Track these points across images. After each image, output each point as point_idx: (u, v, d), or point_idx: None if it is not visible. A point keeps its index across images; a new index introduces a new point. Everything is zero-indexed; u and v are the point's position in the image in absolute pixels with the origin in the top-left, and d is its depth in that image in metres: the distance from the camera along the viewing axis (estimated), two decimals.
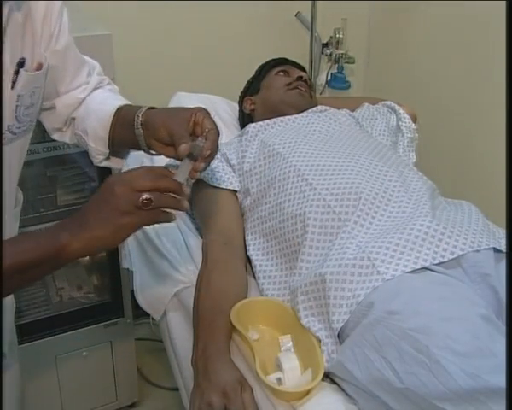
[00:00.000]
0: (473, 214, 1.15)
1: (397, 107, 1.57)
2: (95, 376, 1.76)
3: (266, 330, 1.09)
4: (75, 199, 1.71)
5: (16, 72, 0.87)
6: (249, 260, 1.25)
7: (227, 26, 1.98)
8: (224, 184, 1.33)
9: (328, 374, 0.98)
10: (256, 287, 1.20)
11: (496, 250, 1.05)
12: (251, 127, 1.44)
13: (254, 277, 1.23)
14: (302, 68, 1.64)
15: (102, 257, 1.76)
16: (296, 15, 2.06)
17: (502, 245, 1.06)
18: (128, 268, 1.46)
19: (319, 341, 1.00)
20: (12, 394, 1.15)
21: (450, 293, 0.94)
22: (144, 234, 1.41)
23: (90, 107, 1.06)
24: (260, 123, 1.45)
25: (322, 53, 2.12)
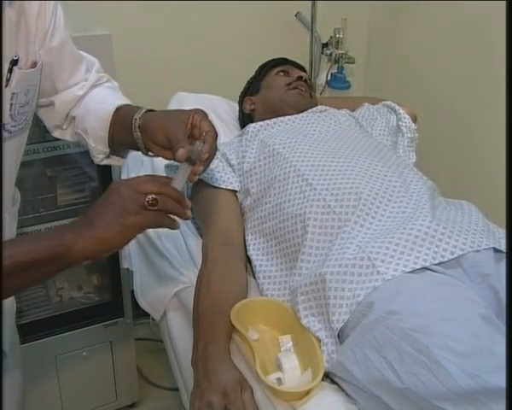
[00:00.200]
0: (473, 214, 1.15)
1: (397, 107, 1.57)
2: (95, 376, 1.76)
3: (266, 330, 1.09)
4: (75, 199, 1.71)
5: (10, 70, 0.87)
6: (249, 260, 1.25)
7: (227, 26, 1.98)
8: (224, 184, 1.33)
9: (328, 374, 0.98)
10: (256, 287, 1.20)
11: (496, 250, 1.05)
12: (251, 127, 1.44)
13: (254, 277, 1.23)
14: (302, 68, 1.64)
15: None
16: (296, 15, 2.06)
17: (502, 245, 1.06)
18: (128, 268, 1.46)
19: (319, 341, 1.00)
20: (13, 397, 1.15)
21: (450, 293, 0.94)
22: (144, 234, 1.41)
23: (90, 106, 1.06)
24: (260, 123, 1.45)
25: (322, 53, 2.11)
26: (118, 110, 1.03)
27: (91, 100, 1.07)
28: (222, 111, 1.75)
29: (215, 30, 1.97)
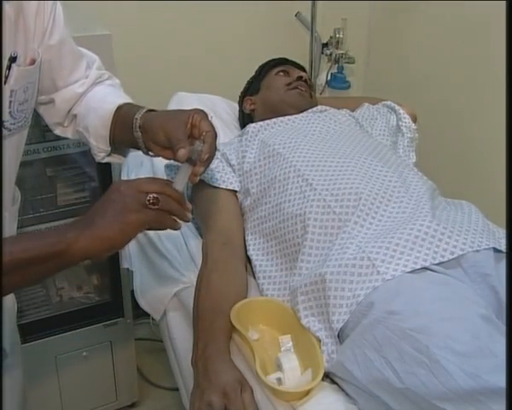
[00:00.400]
0: (473, 214, 1.15)
1: (397, 107, 1.57)
2: (95, 376, 1.76)
3: (266, 330, 1.09)
4: (75, 199, 1.71)
5: (8, 67, 0.88)
6: (249, 260, 1.25)
7: (227, 26, 1.98)
8: (224, 184, 1.33)
9: (328, 374, 0.98)
10: (256, 287, 1.20)
11: (496, 250, 1.05)
12: (251, 127, 1.44)
13: (254, 277, 1.23)
14: (302, 68, 1.64)
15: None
16: (296, 15, 2.06)
17: (502, 245, 1.06)
18: (128, 268, 1.46)
19: (319, 341, 1.00)
20: (14, 397, 1.15)
21: (450, 293, 0.94)
22: (145, 235, 1.41)
23: (91, 104, 1.06)
24: (260, 123, 1.45)
25: (322, 53, 2.12)
26: (119, 109, 1.03)
27: (93, 98, 1.07)
28: (222, 111, 1.75)
29: (215, 30, 1.97)
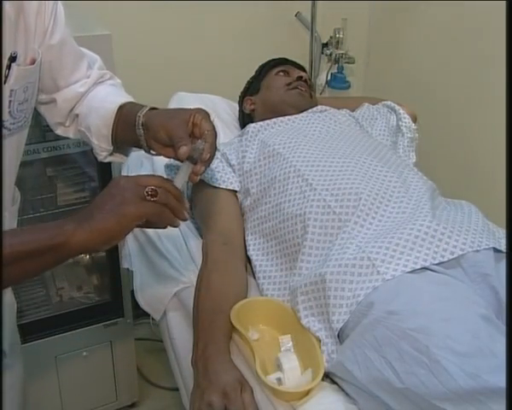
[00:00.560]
0: (473, 214, 1.15)
1: (397, 107, 1.57)
2: (95, 376, 1.76)
3: (266, 330, 1.09)
4: (75, 199, 1.71)
5: (8, 66, 0.88)
6: (249, 260, 1.25)
7: (227, 26, 1.98)
8: (224, 184, 1.33)
9: (328, 374, 0.98)
10: (256, 287, 1.20)
11: (496, 250, 1.05)
12: (251, 127, 1.44)
13: (254, 277, 1.23)
14: (302, 68, 1.64)
15: (102, 257, 1.76)
16: (296, 15, 2.06)
17: (502, 245, 1.06)
18: (128, 268, 1.46)
19: (319, 341, 1.00)
20: (14, 397, 1.15)
21: (450, 293, 0.94)
22: (144, 234, 1.42)
23: (93, 104, 1.07)
24: (260, 123, 1.45)
25: (322, 53, 2.12)
26: (121, 108, 1.04)
27: (94, 98, 1.08)
28: (222, 111, 1.75)
29: (215, 30, 1.97)
